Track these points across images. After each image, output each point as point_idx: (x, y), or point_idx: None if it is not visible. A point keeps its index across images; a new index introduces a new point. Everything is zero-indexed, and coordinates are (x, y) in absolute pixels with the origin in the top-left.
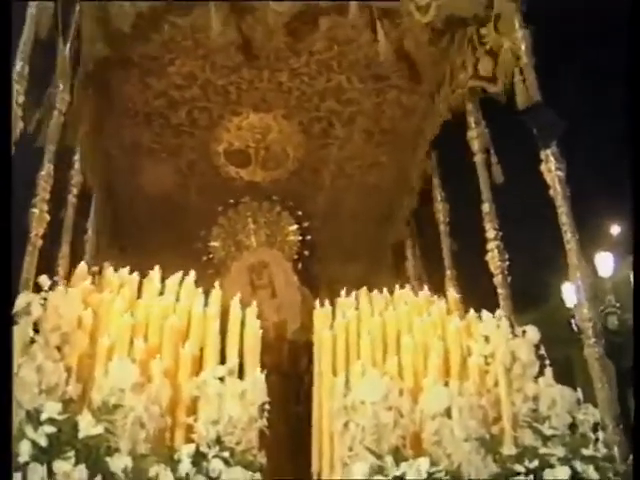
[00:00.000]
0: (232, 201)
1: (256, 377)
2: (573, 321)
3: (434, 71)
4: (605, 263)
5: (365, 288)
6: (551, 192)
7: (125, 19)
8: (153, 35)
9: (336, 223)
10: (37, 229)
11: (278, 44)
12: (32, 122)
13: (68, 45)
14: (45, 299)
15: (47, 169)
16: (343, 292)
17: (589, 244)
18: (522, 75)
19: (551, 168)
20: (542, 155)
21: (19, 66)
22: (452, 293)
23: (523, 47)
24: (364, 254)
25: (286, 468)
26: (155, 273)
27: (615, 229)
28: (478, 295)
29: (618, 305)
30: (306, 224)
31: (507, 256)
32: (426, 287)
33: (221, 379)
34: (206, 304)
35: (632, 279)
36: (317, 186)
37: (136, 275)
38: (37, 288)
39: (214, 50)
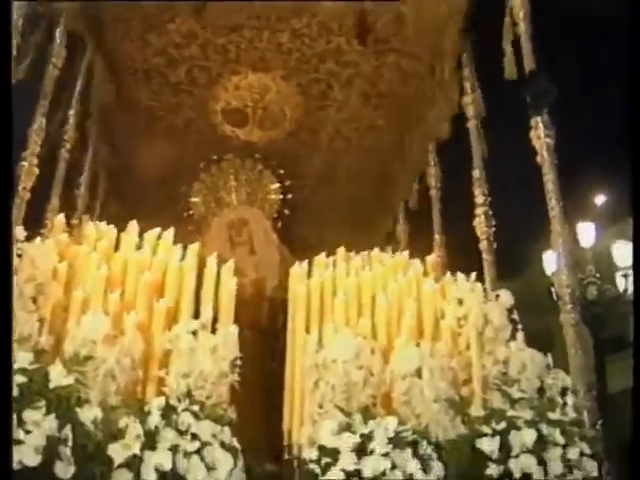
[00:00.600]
0: (215, 157)
1: (228, 332)
2: (553, 289)
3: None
4: (587, 233)
5: (343, 248)
6: (538, 159)
7: None
8: None
9: (330, 184)
10: (26, 182)
11: (280, 4)
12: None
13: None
14: (20, 250)
15: (39, 123)
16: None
17: (572, 214)
18: (512, 47)
19: (540, 135)
20: (532, 122)
21: (13, 19)
22: (431, 255)
23: (521, 14)
24: (357, 217)
25: (259, 424)
26: (132, 226)
27: (599, 199)
28: (467, 260)
29: (598, 276)
30: (288, 183)
31: (494, 222)
32: (406, 250)
33: (194, 333)
34: (183, 259)
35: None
36: (314, 147)
37: (113, 228)
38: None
39: (214, 9)
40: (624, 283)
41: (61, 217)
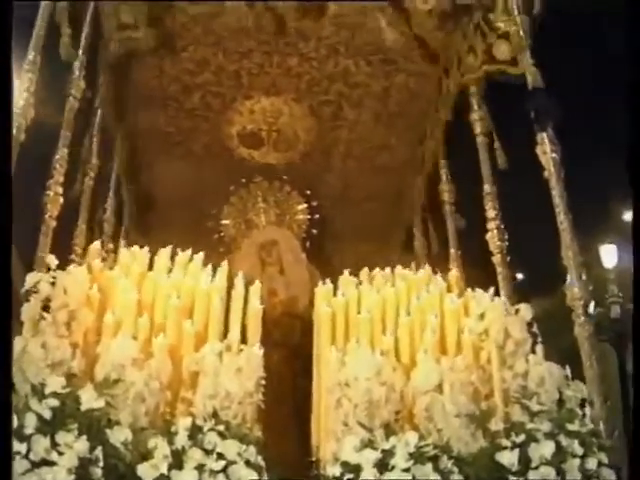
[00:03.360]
0: (244, 180)
1: (252, 353)
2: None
3: (442, 55)
4: (609, 254)
5: (366, 269)
6: (545, 174)
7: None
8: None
9: (347, 203)
10: (52, 211)
11: (287, 29)
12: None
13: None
14: (54, 278)
15: (61, 153)
16: (346, 271)
17: (594, 235)
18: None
19: (546, 150)
20: (538, 138)
21: (31, 56)
22: (453, 271)
23: (521, 33)
24: (374, 234)
25: (292, 441)
26: (165, 251)
27: (621, 221)
28: (484, 275)
29: (621, 295)
30: (315, 203)
31: (507, 236)
32: (427, 265)
33: (219, 354)
34: (213, 281)
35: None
36: (328, 167)
37: (146, 251)
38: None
39: (225, 36)
40: None
41: (97, 244)
